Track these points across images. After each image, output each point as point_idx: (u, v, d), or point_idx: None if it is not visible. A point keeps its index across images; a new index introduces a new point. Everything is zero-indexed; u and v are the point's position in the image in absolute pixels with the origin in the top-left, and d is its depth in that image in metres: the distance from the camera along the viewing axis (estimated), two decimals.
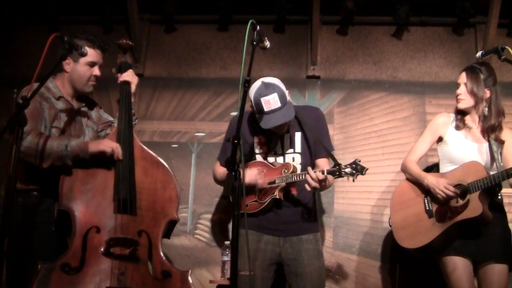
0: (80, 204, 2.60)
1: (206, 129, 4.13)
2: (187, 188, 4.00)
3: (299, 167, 2.96)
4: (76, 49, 2.60)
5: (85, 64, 2.82)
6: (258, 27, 2.40)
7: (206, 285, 3.65)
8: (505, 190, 3.05)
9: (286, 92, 2.86)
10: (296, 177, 2.84)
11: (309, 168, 2.75)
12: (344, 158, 3.96)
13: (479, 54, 2.93)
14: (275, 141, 3.00)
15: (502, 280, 2.83)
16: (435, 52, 4.15)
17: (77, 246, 2.51)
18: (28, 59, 4.17)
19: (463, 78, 3.06)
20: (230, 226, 3.71)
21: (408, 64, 4.15)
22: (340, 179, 2.78)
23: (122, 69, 2.94)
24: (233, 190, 2.11)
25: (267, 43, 2.56)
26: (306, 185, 2.75)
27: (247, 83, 2.26)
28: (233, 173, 2.10)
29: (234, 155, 2.13)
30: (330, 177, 2.77)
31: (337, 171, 2.70)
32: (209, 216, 3.95)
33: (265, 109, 2.78)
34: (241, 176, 2.13)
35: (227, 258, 3.42)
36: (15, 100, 2.93)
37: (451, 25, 4.16)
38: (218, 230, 3.92)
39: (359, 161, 2.70)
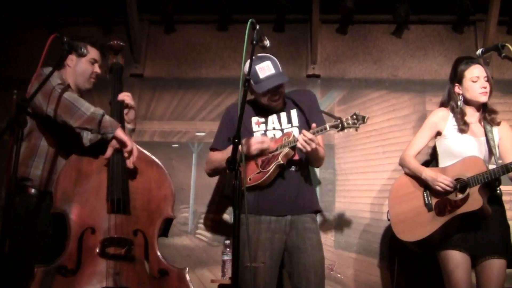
0: (74, 206, 2.58)
1: (207, 128, 4.12)
2: (188, 188, 4.00)
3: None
4: (76, 50, 2.62)
5: (88, 60, 2.90)
6: (257, 27, 2.40)
7: (208, 284, 3.64)
8: (506, 188, 3.05)
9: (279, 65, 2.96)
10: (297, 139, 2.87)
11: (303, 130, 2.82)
12: (345, 157, 3.99)
13: (479, 51, 2.94)
14: (272, 119, 3.04)
15: (500, 275, 2.85)
16: (435, 50, 4.15)
17: (73, 248, 2.50)
18: (27, 61, 4.17)
19: (482, 71, 3.06)
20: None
21: (408, 62, 4.15)
22: (342, 132, 2.84)
23: (113, 70, 2.96)
24: (234, 189, 2.11)
25: (267, 43, 2.57)
26: (299, 145, 2.79)
27: (247, 83, 2.27)
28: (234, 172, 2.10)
29: (235, 155, 2.12)
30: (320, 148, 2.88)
31: (339, 124, 2.77)
32: (210, 215, 3.94)
33: (261, 76, 2.88)
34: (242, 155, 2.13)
35: (227, 257, 3.43)
36: (15, 101, 2.93)
37: (451, 23, 4.16)
38: (219, 229, 3.91)
39: (358, 112, 2.78)
